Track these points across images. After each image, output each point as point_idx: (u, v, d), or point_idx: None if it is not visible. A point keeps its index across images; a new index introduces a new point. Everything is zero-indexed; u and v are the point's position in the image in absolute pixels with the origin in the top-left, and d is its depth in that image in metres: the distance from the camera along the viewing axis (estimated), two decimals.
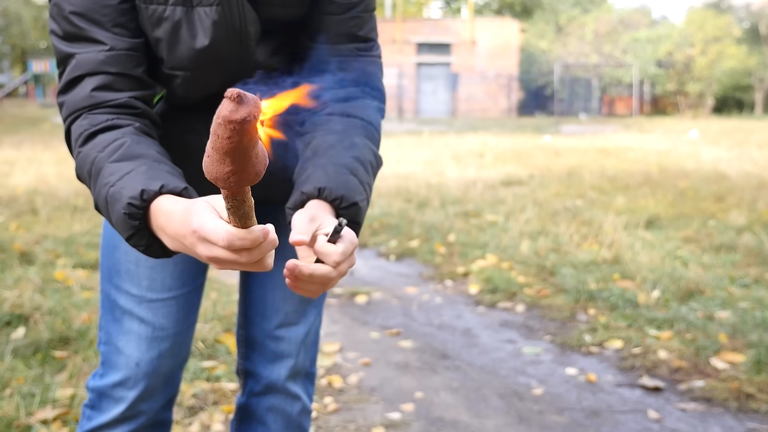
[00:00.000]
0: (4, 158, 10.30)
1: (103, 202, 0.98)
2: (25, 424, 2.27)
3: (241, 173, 0.67)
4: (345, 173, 1.06)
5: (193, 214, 0.81)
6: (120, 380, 1.29)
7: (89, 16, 1.08)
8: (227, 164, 0.66)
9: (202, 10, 1.11)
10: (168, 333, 1.30)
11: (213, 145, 0.66)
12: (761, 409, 2.52)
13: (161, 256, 0.97)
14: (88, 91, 1.07)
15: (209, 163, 0.68)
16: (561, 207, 6.48)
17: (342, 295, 4.03)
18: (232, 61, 1.16)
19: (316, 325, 1.42)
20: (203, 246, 0.81)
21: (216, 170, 0.67)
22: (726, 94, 35.54)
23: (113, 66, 1.08)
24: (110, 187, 0.95)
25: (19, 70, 40.50)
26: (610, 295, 3.74)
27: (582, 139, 16.28)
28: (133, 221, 0.92)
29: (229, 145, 0.65)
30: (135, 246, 0.95)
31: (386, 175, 9.13)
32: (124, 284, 1.29)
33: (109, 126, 1.05)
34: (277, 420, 1.41)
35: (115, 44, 1.09)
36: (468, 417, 2.53)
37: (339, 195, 1.02)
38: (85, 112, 1.07)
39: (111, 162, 0.99)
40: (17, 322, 3.16)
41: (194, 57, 1.14)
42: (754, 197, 6.81)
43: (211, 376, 2.73)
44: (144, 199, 0.91)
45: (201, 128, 1.21)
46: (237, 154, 0.66)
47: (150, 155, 1.00)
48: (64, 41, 1.09)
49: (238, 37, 1.14)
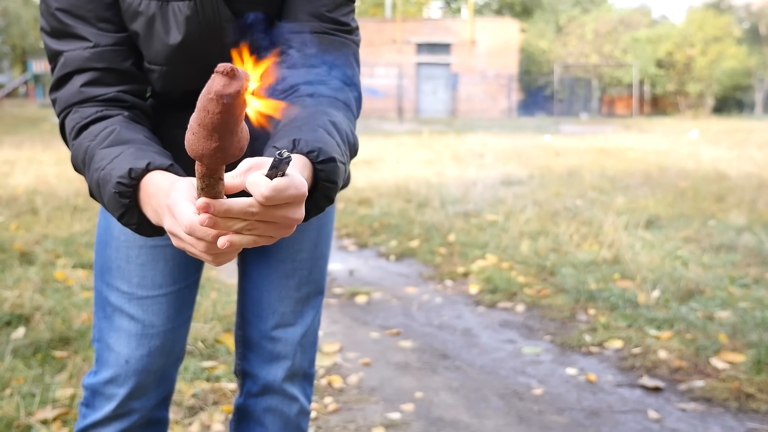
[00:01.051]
0: (4, 158, 10.29)
1: (96, 186, 1.00)
2: (25, 424, 2.27)
3: (228, 149, 0.67)
4: (322, 131, 0.96)
5: (173, 190, 0.84)
6: (110, 377, 1.29)
7: (74, 12, 1.10)
8: (214, 140, 0.66)
9: (176, 5, 1.12)
10: (158, 330, 1.29)
11: (200, 122, 0.66)
12: (761, 409, 2.52)
13: (152, 235, 0.99)
14: (78, 87, 1.10)
15: (195, 140, 0.67)
16: (561, 207, 6.48)
17: (342, 295, 4.03)
18: (208, 56, 1.15)
19: (313, 326, 1.42)
20: (169, 219, 0.83)
21: (203, 146, 0.67)
22: (726, 94, 35.55)
23: (99, 62, 1.10)
24: (101, 171, 0.98)
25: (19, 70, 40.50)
26: (610, 295, 3.74)
27: (582, 139, 16.28)
28: (123, 199, 0.95)
29: (219, 120, 0.64)
30: (127, 225, 0.98)
31: (386, 175, 9.13)
32: (115, 281, 1.29)
33: (99, 117, 1.08)
34: (275, 421, 1.41)
35: (99, 40, 1.10)
36: (468, 417, 2.53)
37: (316, 147, 0.91)
38: (76, 106, 1.10)
39: (102, 148, 1.01)
40: (17, 322, 3.16)
41: (168, 52, 1.14)
42: (754, 197, 6.81)
43: (211, 376, 2.73)
44: (132, 177, 0.94)
45: (187, 122, 1.21)
46: (225, 129, 0.65)
47: (139, 139, 1.03)
48: (52, 38, 1.12)
49: (212, 32, 1.14)
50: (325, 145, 0.93)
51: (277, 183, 0.72)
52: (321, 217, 1.39)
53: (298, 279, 1.37)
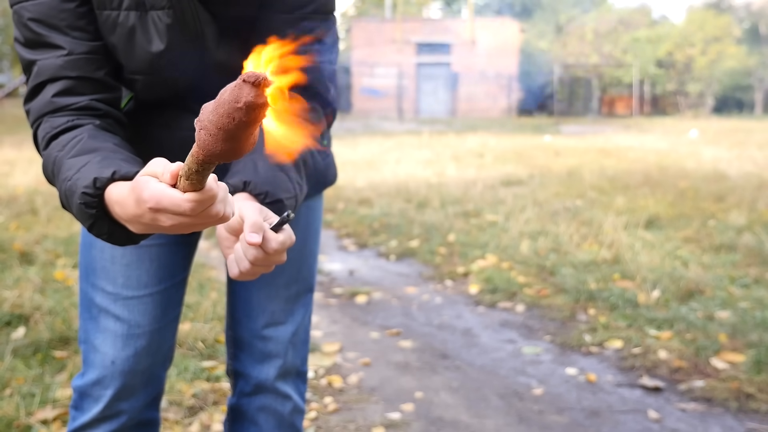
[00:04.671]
0: (4, 158, 10.29)
1: (64, 197, 0.98)
2: (25, 424, 2.27)
3: (242, 150, 0.68)
4: (275, 169, 1.06)
5: (141, 191, 0.81)
6: (96, 379, 1.28)
7: (47, 21, 1.08)
8: (231, 143, 0.67)
9: (155, 14, 1.11)
10: (144, 330, 1.29)
11: (221, 126, 0.66)
12: (761, 409, 2.52)
13: (126, 243, 0.96)
14: (49, 97, 1.08)
15: (212, 142, 0.67)
16: (561, 207, 6.48)
17: (342, 295, 4.03)
18: (192, 62, 1.16)
19: (304, 323, 1.42)
20: (164, 217, 0.81)
21: (220, 148, 0.67)
22: (726, 94, 35.56)
23: (72, 70, 1.09)
24: (68, 182, 0.96)
25: (19, 70, 40.47)
26: (610, 295, 3.74)
27: (582, 139, 16.28)
28: (90, 210, 0.92)
29: (242, 127, 0.65)
30: (98, 235, 0.96)
31: (386, 175, 9.13)
32: (100, 282, 1.29)
33: (69, 127, 1.06)
34: (269, 420, 1.41)
35: (73, 48, 1.09)
36: (468, 417, 2.53)
37: (263, 191, 1.03)
38: (48, 116, 1.08)
39: (69, 158, 0.99)
40: (17, 322, 3.16)
41: (152, 61, 1.14)
42: (754, 197, 6.81)
43: (211, 376, 2.73)
44: (97, 187, 0.91)
45: (172, 123, 1.22)
46: (245, 134, 0.66)
47: (106, 147, 1.01)
48: (26, 48, 1.10)
49: (194, 38, 1.14)
50: (273, 186, 1.04)
51: (283, 239, 0.95)
52: (308, 214, 1.40)
53: (288, 277, 1.37)
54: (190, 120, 1.23)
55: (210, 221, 0.81)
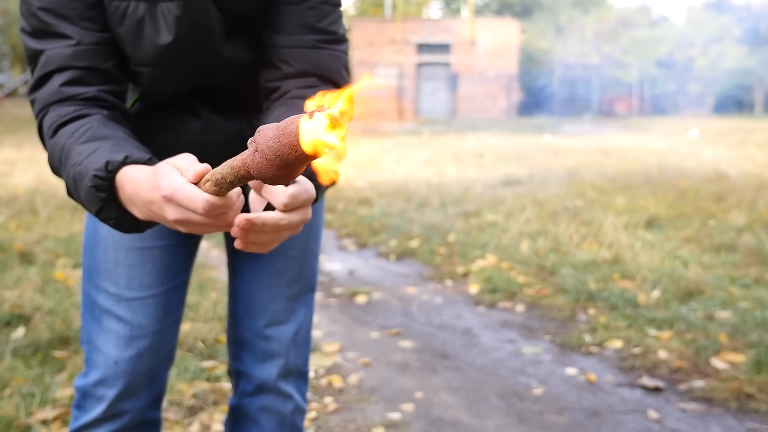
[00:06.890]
0: (4, 158, 10.29)
1: (72, 182, 0.98)
2: (25, 424, 2.27)
3: (289, 178, 0.68)
4: None
5: (160, 178, 0.81)
6: (99, 379, 1.29)
7: (56, 11, 1.08)
8: (284, 170, 0.66)
9: (165, 5, 1.11)
10: (147, 331, 1.29)
11: (280, 153, 0.65)
12: (761, 409, 2.52)
13: (131, 231, 0.97)
14: (57, 86, 1.08)
15: (267, 166, 0.66)
16: (561, 207, 6.48)
17: (342, 295, 4.03)
18: (199, 56, 1.16)
19: (306, 323, 1.42)
20: (173, 209, 0.81)
21: (270, 173, 0.67)
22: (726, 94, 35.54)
23: (81, 60, 1.09)
24: (78, 167, 0.96)
25: (19, 70, 40.50)
26: (610, 295, 3.74)
27: (582, 139, 16.28)
28: (100, 193, 0.92)
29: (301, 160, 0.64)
30: (105, 220, 0.95)
31: (386, 175, 9.13)
32: (103, 283, 1.29)
33: (77, 116, 1.05)
34: (270, 420, 1.41)
35: (82, 38, 1.09)
36: (468, 417, 2.53)
37: None
38: (54, 105, 1.08)
39: (79, 144, 0.99)
40: (17, 322, 3.16)
41: (159, 53, 1.14)
42: (754, 197, 6.81)
43: (211, 376, 2.73)
44: (109, 170, 0.91)
45: (177, 127, 1.22)
46: (300, 166, 0.66)
47: (117, 135, 1.01)
48: (33, 38, 1.10)
49: (202, 32, 1.14)
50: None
51: (293, 190, 0.82)
52: None
53: (290, 276, 1.37)
54: (195, 124, 1.23)
55: (215, 226, 0.81)
